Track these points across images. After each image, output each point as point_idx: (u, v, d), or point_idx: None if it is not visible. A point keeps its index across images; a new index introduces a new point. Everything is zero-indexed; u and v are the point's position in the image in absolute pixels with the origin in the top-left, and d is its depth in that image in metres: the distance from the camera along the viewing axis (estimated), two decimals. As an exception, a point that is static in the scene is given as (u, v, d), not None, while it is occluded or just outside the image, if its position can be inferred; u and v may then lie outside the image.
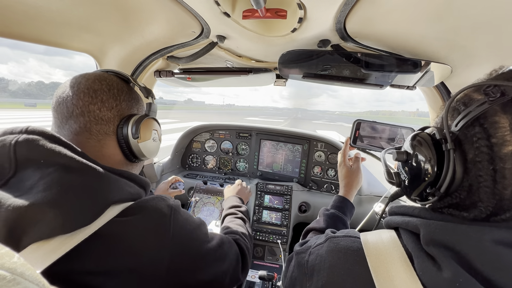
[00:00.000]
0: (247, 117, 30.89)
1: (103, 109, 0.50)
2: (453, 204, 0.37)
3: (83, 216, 0.39)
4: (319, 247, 0.49)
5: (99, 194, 0.42)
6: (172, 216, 0.49)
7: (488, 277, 0.29)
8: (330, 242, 0.47)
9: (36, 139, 0.40)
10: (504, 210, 0.32)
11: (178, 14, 0.69)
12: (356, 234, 0.47)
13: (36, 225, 0.35)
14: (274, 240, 1.42)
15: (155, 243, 0.45)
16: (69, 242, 0.37)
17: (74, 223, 0.38)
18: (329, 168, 1.62)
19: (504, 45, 0.57)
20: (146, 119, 0.56)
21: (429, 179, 0.38)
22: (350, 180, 0.85)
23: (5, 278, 0.19)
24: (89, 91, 0.49)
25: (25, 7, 0.61)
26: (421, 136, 0.42)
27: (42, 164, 0.39)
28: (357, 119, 0.91)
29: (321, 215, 0.78)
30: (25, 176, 0.38)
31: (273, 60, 1.05)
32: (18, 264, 0.21)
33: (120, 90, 0.54)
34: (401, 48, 0.73)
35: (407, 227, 0.40)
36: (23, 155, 0.39)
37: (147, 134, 0.56)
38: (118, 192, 0.45)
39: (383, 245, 0.41)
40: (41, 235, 0.35)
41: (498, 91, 0.32)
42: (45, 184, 0.37)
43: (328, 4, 0.55)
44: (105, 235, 0.41)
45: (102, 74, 0.53)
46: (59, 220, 0.36)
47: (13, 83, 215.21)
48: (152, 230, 0.45)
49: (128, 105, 0.55)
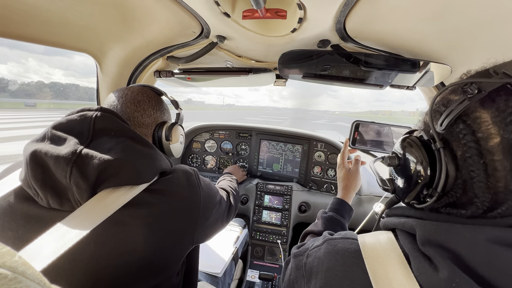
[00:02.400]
0: (247, 117, 30.90)
1: (144, 116, 0.64)
2: (450, 203, 0.37)
3: (148, 174, 0.52)
4: (317, 249, 0.49)
5: (156, 161, 0.55)
6: (197, 175, 0.63)
7: (484, 277, 0.29)
8: (328, 244, 0.47)
9: (111, 116, 0.53)
10: (499, 203, 0.32)
11: (178, 14, 0.69)
12: (353, 235, 0.47)
13: (118, 174, 0.47)
14: (274, 240, 1.42)
15: (191, 191, 0.59)
16: (131, 192, 0.48)
17: (143, 178, 0.51)
18: (329, 168, 1.62)
19: (504, 45, 0.57)
20: (176, 125, 0.71)
21: (423, 180, 0.39)
22: (349, 183, 0.85)
23: (6, 276, 0.19)
24: (134, 101, 0.63)
25: (25, 7, 0.61)
26: (410, 139, 0.42)
27: (113, 135, 0.51)
28: (355, 120, 0.91)
29: (319, 218, 0.78)
30: (101, 141, 0.49)
31: (273, 60, 1.05)
32: (19, 263, 0.21)
33: (156, 101, 0.69)
34: (401, 48, 0.74)
35: (403, 228, 0.40)
36: (100, 126, 0.50)
37: (176, 137, 0.71)
38: (165, 162, 0.58)
39: (380, 246, 0.41)
40: (119, 182, 0.47)
41: (475, 88, 0.33)
42: (123, 147, 0.49)
43: (328, 5, 0.55)
44: (151, 190, 0.52)
45: (143, 88, 0.68)
46: (135, 173, 0.49)
47: (12, 83, 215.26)
48: (185, 182, 0.58)
49: (161, 114, 0.69)
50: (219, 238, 1.24)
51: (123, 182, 0.48)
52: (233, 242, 1.22)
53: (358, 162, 0.88)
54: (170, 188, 0.55)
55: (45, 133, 0.49)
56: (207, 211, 0.64)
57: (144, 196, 0.50)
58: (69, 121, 0.50)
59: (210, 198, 0.66)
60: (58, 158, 0.44)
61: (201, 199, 0.61)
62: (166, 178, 0.56)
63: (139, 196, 0.50)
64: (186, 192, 0.58)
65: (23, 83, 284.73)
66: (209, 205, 0.65)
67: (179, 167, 0.61)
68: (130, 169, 0.48)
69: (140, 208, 0.49)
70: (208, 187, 0.68)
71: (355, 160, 0.89)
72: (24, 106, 49.67)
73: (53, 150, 0.45)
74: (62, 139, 0.47)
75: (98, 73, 1.02)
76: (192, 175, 0.61)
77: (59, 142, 0.47)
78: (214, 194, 0.70)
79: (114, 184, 0.47)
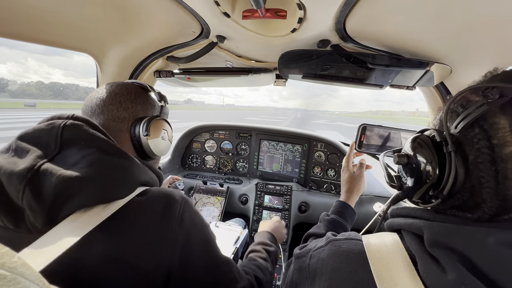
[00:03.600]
0: (247, 117, 30.89)
1: (120, 109, 0.57)
2: (456, 206, 0.37)
3: (119, 189, 0.44)
4: (320, 250, 0.48)
5: (130, 173, 0.48)
6: (182, 204, 0.50)
7: (493, 279, 0.29)
8: (332, 245, 0.46)
9: (81, 125, 0.46)
10: (508, 210, 0.32)
11: (177, 14, 0.69)
12: (358, 236, 0.46)
13: (80, 193, 0.40)
14: (274, 240, 1.42)
15: (164, 222, 0.46)
16: (105, 212, 0.42)
17: (111, 195, 0.43)
18: (329, 168, 1.62)
19: (504, 45, 0.57)
20: (157, 119, 0.62)
21: (431, 181, 0.38)
22: (352, 186, 0.84)
23: (6, 277, 0.19)
24: (110, 94, 0.57)
25: (24, 7, 0.61)
26: (421, 138, 0.42)
27: (83, 145, 0.45)
28: (362, 123, 0.90)
29: (321, 220, 0.77)
30: (68, 154, 0.43)
31: (273, 60, 1.05)
32: (19, 263, 0.21)
33: (137, 95, 0.60)
34: (400, 48, 0.74)
35: (410, 229, 0.40)
36: (68, 137, 0.45)
37: (156, 132, 0.61)
38: (144, 174, 0.51)
39: (385, 248, 0.40)
40: (84, 202, 0.41)
41: (497, 93, 0.32)
42: (89, 161, 0.42)
43: (328, 5, 0.55)
44: (125, 212, 0.44)
45: (126, 83, 0.61)
46: (99, 191, 0.42)
47: (12, 83, 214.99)
48: (161, 210, 0.47)
49: (143, 108, 0.61)
50: (220, 238, 1.24)
51: (90, 201, 0.41)
52: (234, 242, 1.22)
53: (363, 166, 0.87)
54: (134, 214, 0.44)
55: (10, 144, 0.44)
56: (187, 270, 0.47)
57: (107, 221, 0.41)
58: (36, 130, 0.45)
59: (197, 250, 0.49)
60: (11, 175, 0.39)
61: (176, 243, 0.46)
62: (137, 200, 0.46)
63: (106, 219, 0.41)
64: (155, 224, 0.45)
65: (23, 83, 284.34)
66: (191, 261, 0.48)
67: (161, 189, 0.50)
68: (96, 185, 0.41)
69: (101, 235, 0.40)
70: (200, 231, 0.51)
71: (360, 164, 0.88)
72: (24, 106, 49.66)
73: (8, 165, 0.40)
74: (25, 151, 0.42)
75: (98, 73, 1.02)
76: (175, 202, 0.48)
77: (22, 155, 0.42)
78: (209, 248, 0.53)
79: (80, 205, 0.40)
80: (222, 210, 1.49)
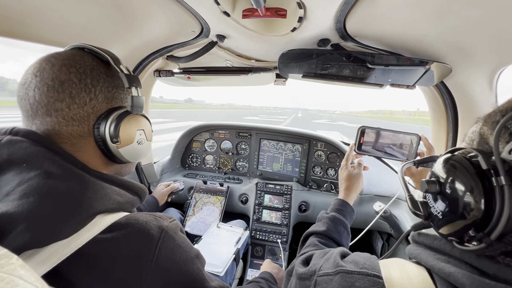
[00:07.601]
0: (246, 117, 30.82)
1: (73, 106, 0.41)
2: (507, 252, 0.28)
3: (61, 227, 0.34)
4: (327, 279, 0.41)
5: (81, 203, 0.37)
6: (160, 240, 0.41)
7: None
8: (342, 279, 0.39)
9: (20, 141, 0.37)
10: None
11: (177, 14, 0.69)
12: (374, 268, 0.38)
13: (8, 237, 0.31)
14: (274, 240, 1.42)
15: (134, 269, 0.38)
16: (49, 260, 0.33)
17: (48, 237, 0.33)
18: (329, 167, 1.61)
19: (504, 45, 0.57)
20: (127, 118, 0.45)
21: (471, 218, 0.30)
22: (350, 184, 0.85)
23: (4, 279, 0.19)
24: (54, 83, 0.39)
25: (24, 7, 0.61)
26: (458, 161, 0.33)
27: (24, 168, 0.35)
28: (361, 126, 0.91)
29: (320, 218, 0.77)
30: (3, 180, 0.35)
31: (273, 60, 1.05)
32: (17, 265, 0.21)
33: (96, 78, 0.43)
34: (400, 48, 0.73)
35: (446, 276, 0.31)
36: (5, 158, 0.36)
37: (129, 137, 0.46)
38: (104, 200, 0.39)
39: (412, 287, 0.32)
40: (13, 248, 0.29)
41: None
42: (22, 191, 0.33)
43: (328, 4, 0.55)
44: (86, 254, 0.35)
45: (72, 57, 0.42)
46: (28, 234, 0.32)
47: (12, 82, 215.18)
48: (133, 253, 0.38)
49: (108, 96, 0.44)
50: (222, 239, 1.24)
51: (19, 248, 0.31)
52: (235, 242, 1.22)
53: (361, 165, 0.90)
54: (95, 259, 0.36)
55: None
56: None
57: (70, 266, 0.34)
58: None
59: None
60: None
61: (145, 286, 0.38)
62: (106, 238, 0.37)
63: (64, 265, 0.33)
64: (121, 268, 0.37)
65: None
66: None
67: (134, 222, 0.40)
68: (23, 228, 0.32)
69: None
70: (182, 270, 0.44)
71: (358, 163, 0.90)
72: (24, 105, 49.74)
73: None
74: None
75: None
76: (150, 240, 0.40)
77: None
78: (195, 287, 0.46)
79: (13, 250, 0.31)
80: (222, 210, 1.49)
